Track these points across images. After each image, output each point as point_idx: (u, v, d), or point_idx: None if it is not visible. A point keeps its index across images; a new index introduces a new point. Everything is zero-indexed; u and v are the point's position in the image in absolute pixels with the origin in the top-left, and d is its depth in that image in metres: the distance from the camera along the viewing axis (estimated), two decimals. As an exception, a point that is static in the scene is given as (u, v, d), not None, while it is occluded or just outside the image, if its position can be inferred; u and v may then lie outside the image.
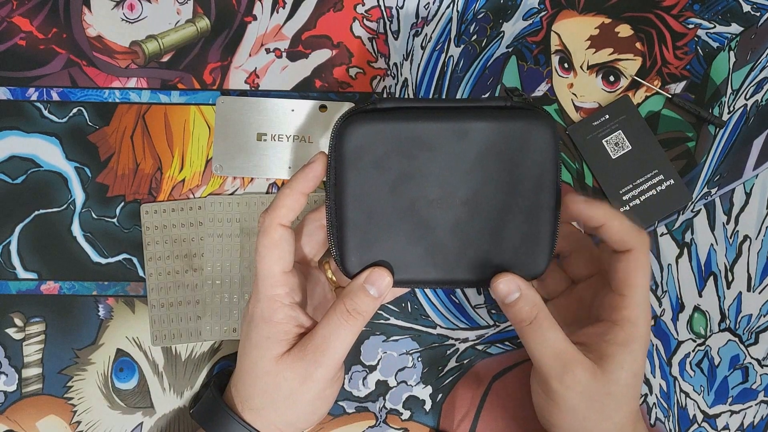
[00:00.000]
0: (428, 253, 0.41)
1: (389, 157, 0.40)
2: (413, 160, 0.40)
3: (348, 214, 0.40)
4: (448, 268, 0.41)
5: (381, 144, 0.39)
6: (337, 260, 0.41)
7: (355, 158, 0.40)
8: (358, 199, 0.40)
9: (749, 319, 0.52)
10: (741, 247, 0.52)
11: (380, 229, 0.40)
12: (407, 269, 0.41)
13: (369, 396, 0.52)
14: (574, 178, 0.53)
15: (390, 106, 0.40)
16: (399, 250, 0.41)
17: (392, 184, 0.40)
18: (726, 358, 0.52)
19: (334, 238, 0.41)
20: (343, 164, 0.40)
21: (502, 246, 0.40)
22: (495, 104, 0.41)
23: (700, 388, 0.52)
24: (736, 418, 0.52)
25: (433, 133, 0.39)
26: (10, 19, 0.53)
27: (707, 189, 0.53)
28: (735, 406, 0.52)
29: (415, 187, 0.40)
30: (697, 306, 0.52)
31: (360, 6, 0.53)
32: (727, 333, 0.52)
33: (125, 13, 0.53)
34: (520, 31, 0.53)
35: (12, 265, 0.52)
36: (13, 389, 0.51)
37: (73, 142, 0.52)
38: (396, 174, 0.40)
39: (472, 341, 0.52)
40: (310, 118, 0.52)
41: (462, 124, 0.39)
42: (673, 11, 0.53)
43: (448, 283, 0.42)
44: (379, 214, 0.40)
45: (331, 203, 0.41)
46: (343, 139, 0.40)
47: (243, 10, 0.53)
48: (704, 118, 0.52)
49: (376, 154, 0.40)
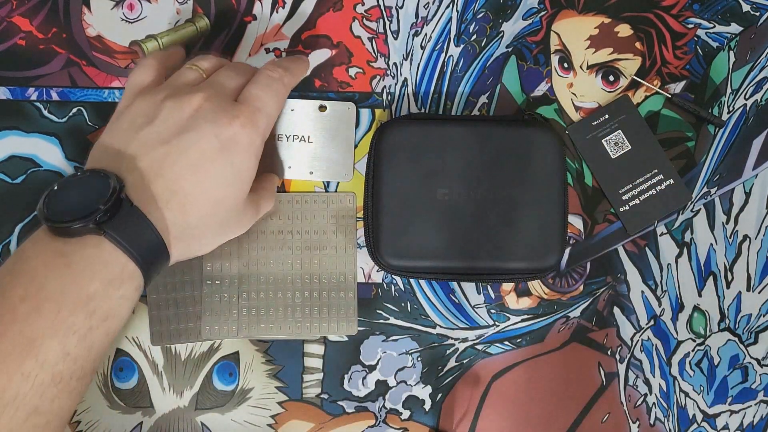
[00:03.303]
0: (453, 241, 0.47)
1: (422, 153, 0.47)
2: (442, 156, 0.47)
3: (384, 201, 0.47)
4: (468, 256, 0.47)
5: (415, 141, 0.47)
6: (371, 247, 0.48)
7: (392, 153, 0.47)
8: (393, 188, 0.47)
9: (749, 318, 0.52)
10: (740, 246, 0.52)
11: (411, 217, 0.47)
12: (434, 256, 0.47)
13: (369, 396, 0.52)
14: (573, 178, 0.53)
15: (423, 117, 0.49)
16: (427, 236, 0.47)
17: (423, 177, 0.47)
18: (725, 357, 0.52)
19: (370, 225, 0.48)
20: (381, 158, 0.47)
21: (518, 237, 0.47)
22: (512, 118, 0.51)
23: (699, 387, 0.52)
24: (736, 417, 0.52)
25: (459, 135, 0.48)
26: (10, 18, 0.53)
27: (707, 189, 0.53)
28: (734, 406, 0.52)
29: (443, 181, 0.47)
30: (697, 306, 0.52)
31: (360, 6, 0.53)
32: (727, 333, 0.52)
33: (125, 13, 0.53)
34: (519, 31, 0.53)
35: (12, 264, 0.52)
36: (13, 389, 0.51)
37: (73, 142, 0.52)
38: (427, 168, 0.47)
39: (472, 341, 0.52)
40: (310, 117, 0.52)
41: (484, 129, 0.48)
42: (672, 11, 0.53)
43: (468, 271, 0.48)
44: (411, 203, 0.47)
45: (369, 194, 0.48)
46: (383, 136, 0.48)
47: (243, 10, 0.53)
48: (704, 117, 0.52)
49: (410, 150, 0.47)
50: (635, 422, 0.52)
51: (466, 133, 0.48)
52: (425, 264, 0.47)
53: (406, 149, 0.47)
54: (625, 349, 0.52)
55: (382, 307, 0.52)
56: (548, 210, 0.47)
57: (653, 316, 0.52)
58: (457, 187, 0.47)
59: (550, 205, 0.47)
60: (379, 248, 0.47)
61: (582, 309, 0.52)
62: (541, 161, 0.47)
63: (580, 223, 0.52)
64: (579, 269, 0.52)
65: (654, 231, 0.52)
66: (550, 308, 0.52)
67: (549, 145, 0.48)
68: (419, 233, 0.47)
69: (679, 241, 0.52)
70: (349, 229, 0.52)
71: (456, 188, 0.47)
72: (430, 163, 0.47)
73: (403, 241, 0.47)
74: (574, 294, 0.52)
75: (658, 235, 0.52)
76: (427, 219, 0.47)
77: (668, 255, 0.52)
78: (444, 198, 0.47)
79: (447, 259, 0.47)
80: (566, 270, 0.52)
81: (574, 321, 0.52)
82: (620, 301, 0.52)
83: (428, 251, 0.47)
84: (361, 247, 0.52)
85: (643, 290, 0.52)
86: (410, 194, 0.47)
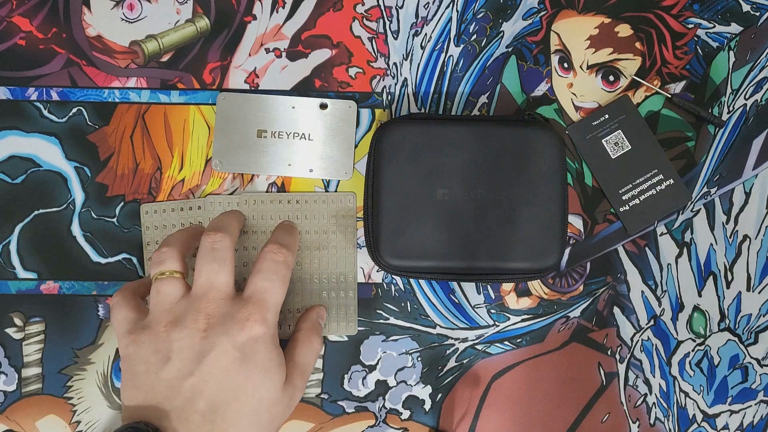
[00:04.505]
0: (452, 241, 0.47)
1: (422, 152, 0.47)
2: (442, 156, 0.47)
3: (384, 201, 0.47)
4: (469, 256, 0.47)
5: (415, 141, 0.47)
6: (371, 247, 0.48)
7: (392, 152, 0.47)
8: (393, 188, 0.47)
9: (749, 318, 0.52)
10: (740, 246, 0.52)
11: (411, 217, 0.47)
12: (434, 256, 0.47)
13: (369, 396, 0.52)
14: (573, 178, 0.53)
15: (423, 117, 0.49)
16: (427, 236, 0.47)
17: (423, 177, 0.47)
18: (725, 357, 0.52)
19: (370, 225, 0.48)
20: (381, 158, 0.47)
21: (518, 237, 0.47)
22: (512, 118, 0.50)
23: (699, 387, 0.52)
24: (736, 417, 0.52)
25: (459, 135, 0.47)
26: (10, 18, 0.53)
27: (707, 189, 0.53)
28: (734, 406, 0.52)
29: (443, 181, 0.47)
30: (697, 306, 0.52)
31: (360, 6, 0.53)
32: (727, 333, 0.52)
33: (125, 13, 0.53)
34: (519, 31, 0.53)
35: (12, 264, 0.52)
36: (13, 389, 0.51)
37: (73, 142, 0.52)
38: (427, 168, 0.47)
39: (472, 341, 0.52)
40: (311, 115, 0.52)
41: (484, 129, 0.48)
42: (672, 11, 0.53)
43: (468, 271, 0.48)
44: (411, 203, 0.47)
45: (369, 194, 0.48)
46: (383, 136, 0.48)
47: (243, 10, 0.53)
48: (704, 117, 0.52)
49: (410, 150, 0.47)
50: (635, 422, 0.52)
51: (466, 133, 0.47)
52: (425, 264, 0.47)
53: (406, 149, 0.47)
54: (625, 349, 0.52)
55: (382, 307, 0.52)
56: (548, 210, 0.47)
57: (653, 316, 0.52)
58: (457, 187, 0.47)
59: (550, 205, 0.47)
60: (379, 248, 0.47)
61: (582, 309, 0.52)
62: (541, 161, 0.47)
63: (580, 223, 0.52)
64: (579, 269, 0.52)
65: (654, 231, 0.52)
66: (550, 308, 0.52)
67: (549, 145, 0.48)
68: (419, 233, 0.47)
69: (679, 241, 0.52)
70: (349, 229, 0.52)
71: (456, 188, 0.47)
72: (430, 163, 0.47)
73: (403, 241, 0.47)
74: (574, 294, 0.52)
75: (658, 235, 0.52)
76: (427, 219, 0.47)
77: (668, 255, 0.52)
78: (444, 198, 0.47)
79: (447, 259, 0.47)
80: (566, 270, 0.52)
81: (574, 321, 0.52)
82: (620, 301, 0.52)
83: (428, 251, 0.47)
84: (361, 247, 0.52)
85: (643, 290, 0.52)
86: (410, 194, 0.47)
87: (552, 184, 0.47)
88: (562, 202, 0.47)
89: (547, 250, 0.47)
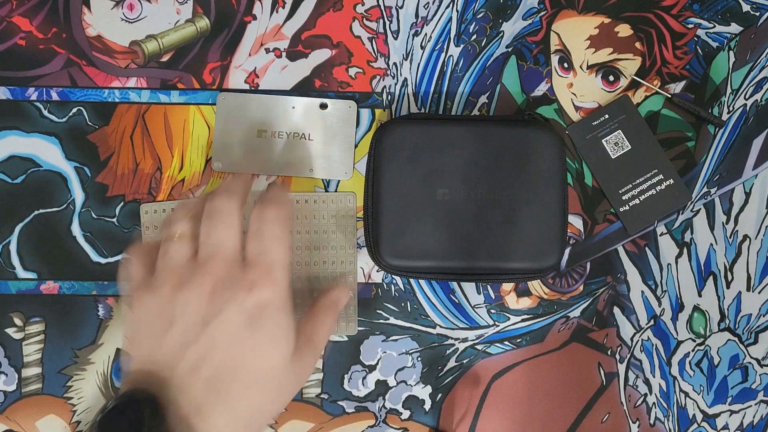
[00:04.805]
0: (453, 241, 0.47)
1: (422, 153, 0.47)
2: (442, 156, 0.47)
3: (384, 201, 0.47)
4: (469, 256, 0.47)
5: (415, 141, 0.47)
6: (371, 247, 0.47)
7: (392, 152, 0.47)
8: (393, 188, 0.47)
9: (749, 318, 0.52)
10: (740, 246, 0.52)
11: (411, 216, 0.47)
12: (434, 256, 0.47)
13: (369, 396, 0.52)
14: (573, 178, 0.53)
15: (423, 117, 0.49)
16: (427, 236, 0.47)
17: (423, 177, 0.47)
18: (725, 357, 0.52)
19: (370, 225, 0.48)
20: (381, 158, 0.47)
21: (518, 237, 0.47)
22: (512, 118, 0.51)
23: (699, 387, 0.52)
24: (736, 417, 0.52)
25: (459, 135, 0.47)
26: (10, 18, 0.53)
27: (707, 189, 0.53)
28: (734, 406, 0.52)
29: (443, 181, 0.47)
30: (697, 306, 0.52)
31: (360, 6, 0.53)
32: (727, 333, 0.52)
33: (125, 13, 0.53)
34: (519, 31, 0.53)
35: (12, 264, 0.52)
36: (13, 389, 0.51)
37: (73, 142, 0.52)
38: (427, 168, 0.47)
39: (472, 341, 0.52)
40: (311, 115, 0.52)
41: (484, 128, 0.48)
42: (672, 11, 0.53)
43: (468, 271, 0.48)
44: (411, 203, 0.47)
45: (369, 194, 0.48)
46: (383, 136, 0.48)
47: (243, 10, 0.53)
48: (704, 117, 0.52)
49: (410, 149, 0.47)
50: (635, 422, 0.52)
51: (466, 133, 0.48)
52: (425, 264, 0.47)
53: (406, 149, 0.47)
54: (625, 349, 0.52)
55: (382, 307, 0.52)
56: (548, 210, 0.47)
57: (653, 316, 0.52)
58: (457, 187, 0.47)
59: (550, 205, 0.47)
60: (379, 248, 0.47)
61: (582, 309, 0.52)
62: (541, 161, 0.47)
63: (580, 223, 0.52)
64: (579, 269, 0.52)
65: (654, 231, 0.52)
66: (550, 308, 0.52)
67: (549, 145, 0.48)
68: (419, 233, 0.47)
69: (679, 241, 0.52)
70: (349, 229, 0.52)
71: (456, 188, 0.47)
72: (430, 163, 0.47)
73: (403, 241, 0.47)
74: (574, 294, 0.52)
75: (658, 235, 0.52)
76: (427, 219, 0.47)
77: (668, 255, 0.52)
78: (444, 198, 0.47)
79: (447, 259, 0.47)
80: (566, 270, 0.52)
81: (574, 321, 0.52)
82: (620, 301, 0.52)
83: (428, 251, 0.47)
84: (361, 247, 0.52)
85: (643, 290, 0.52)
86: (410, 194, 0.47)
87: (552, 184, 0.47)
88: (562, 202, 0.47)
89: (547, 250, 0.47)
